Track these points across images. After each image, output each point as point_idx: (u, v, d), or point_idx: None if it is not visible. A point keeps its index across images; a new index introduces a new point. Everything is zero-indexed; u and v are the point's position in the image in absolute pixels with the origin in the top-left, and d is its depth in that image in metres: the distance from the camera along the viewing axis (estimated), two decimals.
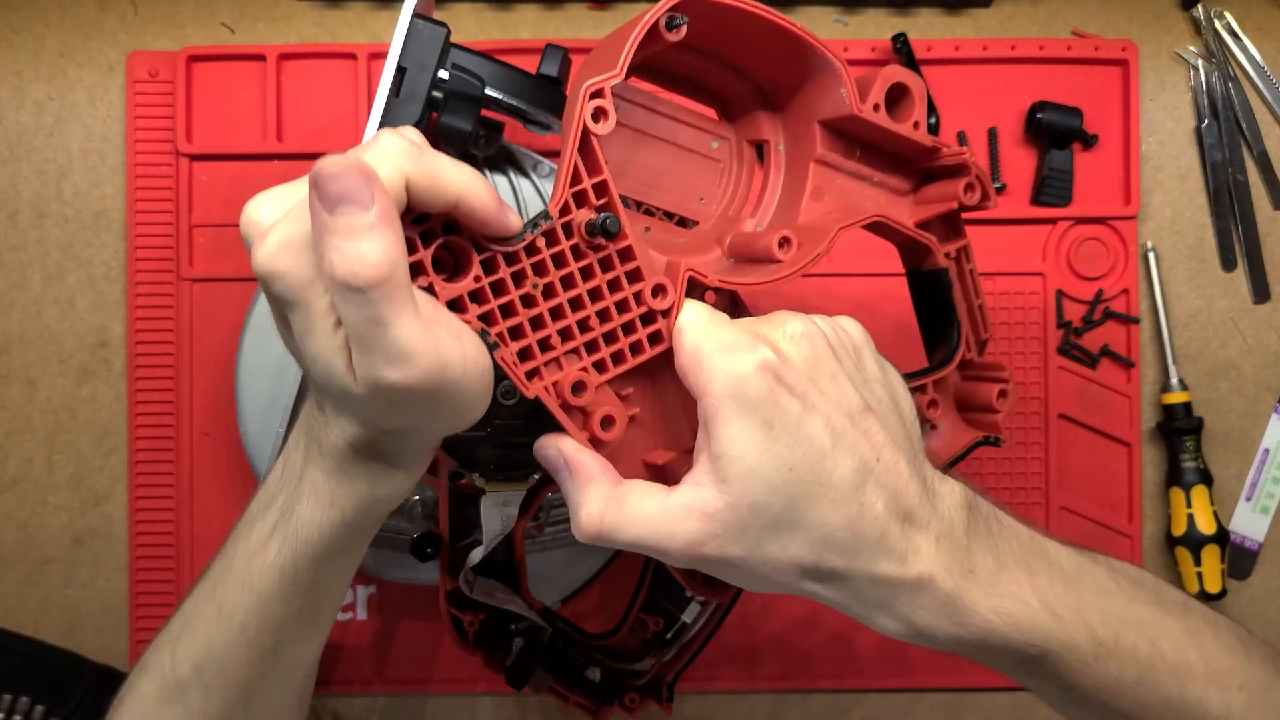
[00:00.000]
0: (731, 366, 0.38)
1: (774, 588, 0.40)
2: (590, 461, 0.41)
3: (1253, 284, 0.73)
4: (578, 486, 0.40)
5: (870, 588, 0.39)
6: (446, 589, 0.58)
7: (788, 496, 0.38)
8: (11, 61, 0.71)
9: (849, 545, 0.39)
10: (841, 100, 0.49)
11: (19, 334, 0.70)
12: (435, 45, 0.58)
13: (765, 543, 0.38)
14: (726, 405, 0.38)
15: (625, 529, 0.39)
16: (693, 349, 0.40)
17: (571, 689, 0.58)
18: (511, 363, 0.39)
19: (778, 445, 0.38)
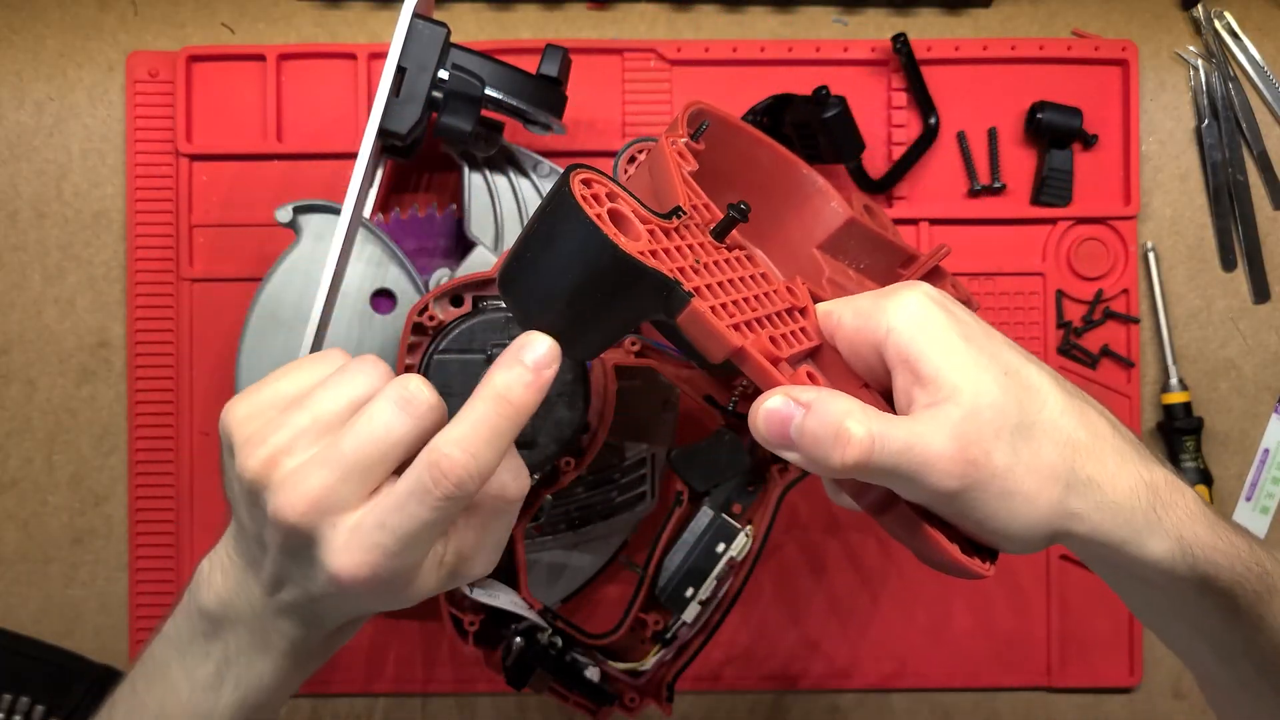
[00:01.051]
0: (903, 300, 0.38)
1: (1038, 523, 0.37)
2: (830, 390, 0.38)
3: (1253, 284, 0.73)
4: (827, 412, 0.36)
5: (1130, 495, 0.37)
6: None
7: (1015, 399, 0.37)
8: (11, 61, 0.71)
9: (1092, 446, 0.38)
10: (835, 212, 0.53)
11: (19, 334, 0.70)
12: (435, 45, 0.59)
13: (1019, 447, 0.37)
14: (920, 330, 0.38)
15: (893, 433, 0.36)
16: (853, 312, 0.40)
17: (571, 689, 0.58)
18: (709, 314, 0.38)
19: (982, 355, 0.38)
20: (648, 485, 0.64)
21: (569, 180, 0.37)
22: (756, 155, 0.53)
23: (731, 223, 0.42)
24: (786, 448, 0.37)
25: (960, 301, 0.53)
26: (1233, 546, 0.38)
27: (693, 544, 0.59)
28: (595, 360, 0.57)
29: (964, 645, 0.71)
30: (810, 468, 0.37)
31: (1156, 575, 0.39)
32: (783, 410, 0.37)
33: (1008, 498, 0.37)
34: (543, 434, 0.53)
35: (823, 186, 0.54)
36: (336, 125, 0.70)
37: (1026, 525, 0.37)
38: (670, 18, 0.72)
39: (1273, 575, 0.39)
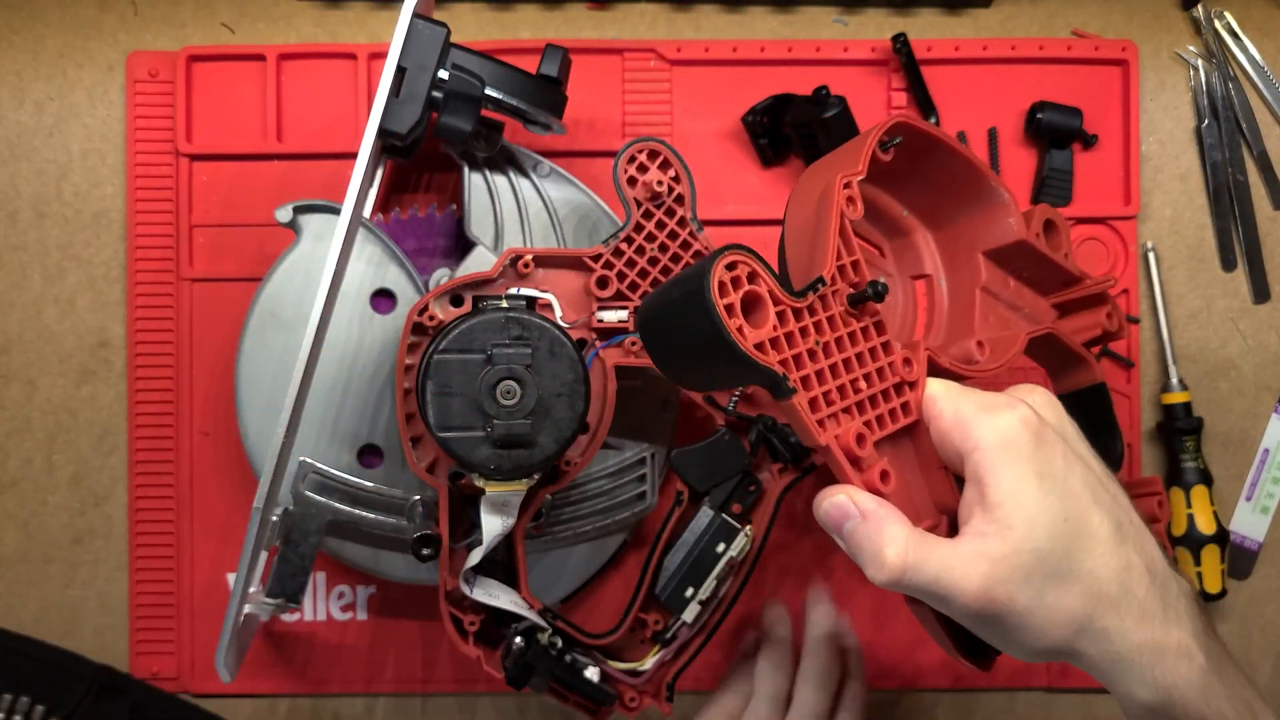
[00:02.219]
0: (999, 422, 0.41)
1: (1042, 652, 0.41)
2: (885, 504, 0.42)
3: (1253, 284, 0.73)
4: (876, 529, 0.41)
5: (1135, 652, 0.41)
6: (446, 589, 0.58)
7: (1064, 545, 0.40)
8: (11, 61, 0.71)
9: (1119, 601, 0.40)
10: (1010, 229, 0.54)
11: (19, 334, 0.70)
12: (435, 45, 0.59)
13: (1046, 591, 0.40)
14: (1000, 457, 0.40)
15: (925, 567, 0.40)
16: (954, 411, 0.43)
17: (571, 689, 0.58)
18: (805, 410, 0.41)
19: (1050, 496, 0.40)
20: (648, 485, 0.64)
21: (712, 267, 0.40)
22: (949, 163, 0.54)
23: (866, 298, 0.44)
24: (837, 537, 0.43)
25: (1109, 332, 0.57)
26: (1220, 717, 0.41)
27: (693, 544, 0.59)
28: (595, 360, 0.57)
29: None
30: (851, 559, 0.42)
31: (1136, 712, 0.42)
32: (844, 508, 0.42)
33: (1019, 631, 0.41)
34: (543, 434, 0.53)
35: (1007, 200, 0.55)
36: (336, 125, 0.70)
37: (1029, 650, 0.41)
38: (670, 18, 0.72)
39: None
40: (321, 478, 0.61)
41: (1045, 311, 0.58)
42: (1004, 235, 0.55)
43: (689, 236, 0.57)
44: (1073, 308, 0.59)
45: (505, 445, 0.53)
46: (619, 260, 0.57)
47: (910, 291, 0.57)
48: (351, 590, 0.70)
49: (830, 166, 0.49)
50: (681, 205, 0.57)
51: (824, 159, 0.51)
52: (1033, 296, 0.58)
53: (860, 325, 0.44)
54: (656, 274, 0.58)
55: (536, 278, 0.58)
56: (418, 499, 0.61)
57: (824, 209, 0.46)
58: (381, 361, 0.62)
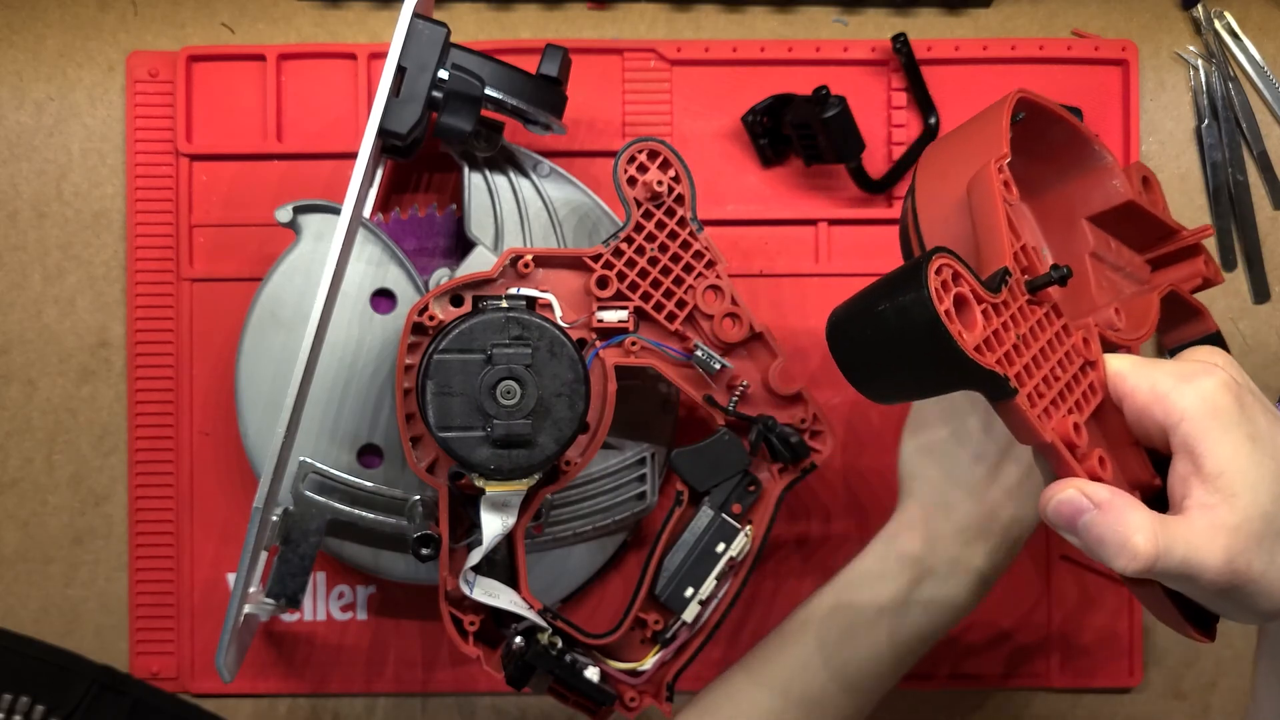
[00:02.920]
0: (1202, 390, 0.40)
1: (1273, 612, 0.40)
2: (1118, 492, 0.40)
3: (1253, 284, 0.73)
4: (1117, 518, 0.39)
5: None
6: (446, 589, 0.58)
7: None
8: (11, 61, 0.71)
9: None
10: (1117, 191, 0.53)
11: (19, 334, 0.70)
12: (435, 45, 0.59)
13: (1277, 553, 0.39)
14: (1211, 425, 0.39)
15: (1175, 549, 0.39)
16: (1149, 386, 0.41)
17: (571, 689, 0.58)
18: (1028, 408, 0.40)
19: (1265, 456, 0.39)
20: (648, 485, 0.64)
21: (927, 269, 0.38)
22: (1054, 130, 0.53)
23: (1049, 282, 0.42)
24: (1070, 533, 0.41)
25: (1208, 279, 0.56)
26: None
27: (693, 544, 0.59)
28: (595, 360, 0.57)
29: (964, 645, 0.71)
30: (1087, 554, 0.41)
31: None
32: (1076, 503, 0.40)
33: (1254, 597, 0.40)
34: (543, 434, 0.53)
35: (1110, 162, 0.54)
36: (336, 125, 0.70)
37: (1261, 614, 0.40)
38: (670, 18, 0.72)
39: None
40: (321, 478, 0.61)
41: (1142, 268, 0.57)
42: (1110, 198, 0.54)
43: (689, 236, 0.57)
44: (1169, 260, 0.57)
45: (505, 445, 0.53)
46: (619, 260, 0.57)
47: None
48: (351, 590, 0.70)
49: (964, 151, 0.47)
50: (681, 205, 0.57)
51: (947, 142, 0.49)
52: (1131, 255, 0.56)
53: (1043, 312, 0.43)
54: (656, 274, 0.58)
55: (536, 278, 0.58)
56: (418, 499, 0.61)
57: (982, 197, 0.44)
58: (381, 361, 0.62)
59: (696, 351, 0.58)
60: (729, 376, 0.59)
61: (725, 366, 0.58)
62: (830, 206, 0.71)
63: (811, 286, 0.70)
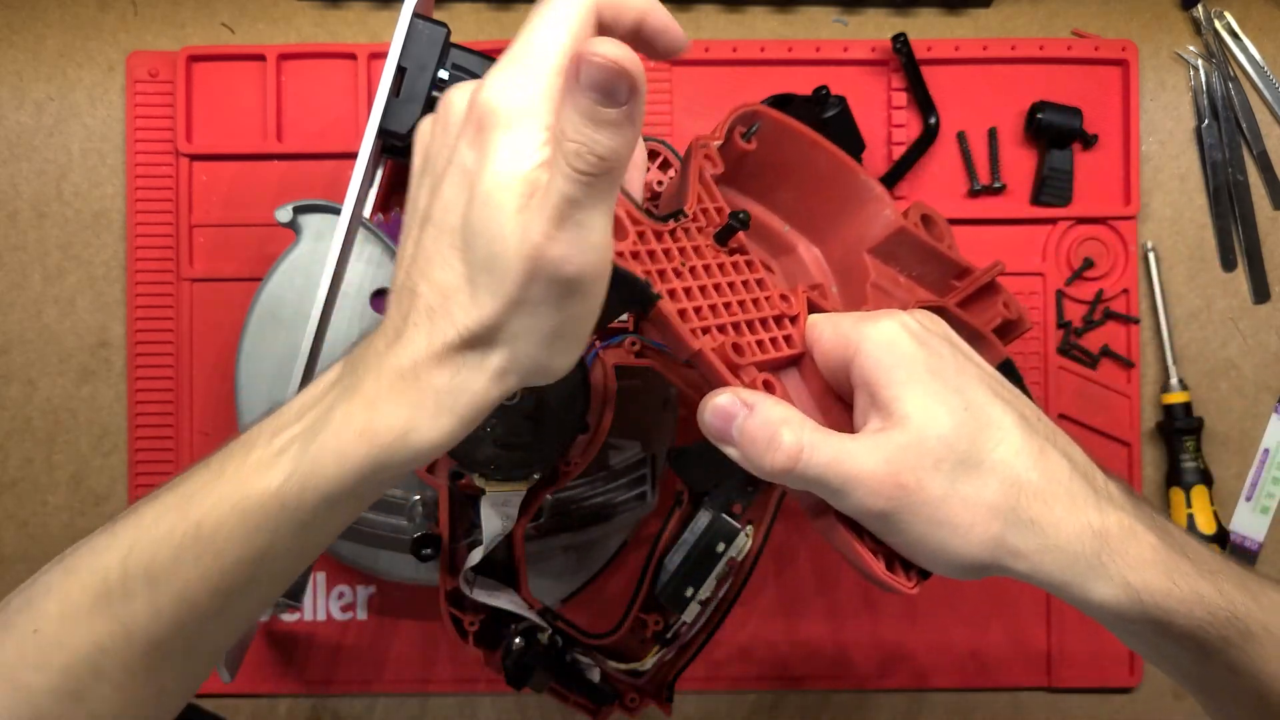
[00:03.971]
0: (879, 328, 0.40)
1: (971, 561, 0.38)
2: (774, 400, 0.39)
3: (1253, 284, 0.73)
4: (767, 417, 0.38)
5: (1074, 540, 0.38)
6: (446, 589, 0.58)
7: (970, 432, 0.38)
8: (11, 61, 0.71)
9: (1042, 488, 0.38)
10: (887, 219, 0.55)
11: (19, 334, 0.70)
12: (435, 45, 0.59)
13: (959, 480, 0.38)
14: (885, 356, 0.39)
15: (822, 448, 0.38)
16: (833, 328, 0.42)
17: (571, 689, 0.58)
18: (674, 315, 0.41)
19: (946, 387, 0.39)
20: (648, 485, 0.64)
21: None
22: (814, 157, 0.56)
23: (731, 230, 0.45)
24: (727, 443, 0.39)
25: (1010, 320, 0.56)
26: (1193, 593, 0.38)
27: (693, 544, 0.59)
28: (595, 360, 0.57)
29: (964, 645, 0.71)
30: (746, 466, 0.39)
31: (1104, 617, 0.39)
32: (728, 408, 0.39)
33: (937, 525, 0.38)
34: (543, 434, 0.53)
35: (879, 193, 0.56)
36: (336, 125, 0.70)
37: (956, 554, 0.38)
38: None
39: (1246, 619, 0.39)
40: None
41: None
42: (882, 227, 0.56)
43: None
44: (969, 301, 0.58)
45: (505, 445, 0.53)
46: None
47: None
48: (351, 590, 0.70)
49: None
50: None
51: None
52: (926, 294, 0.58)
53: (730, 260, 0.45)
54: None
55: None
56: (418, 499, 0.61)
57: (685, 168, 0.49)
58: None
59: None
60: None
61: None
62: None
63: None
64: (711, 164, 0.49)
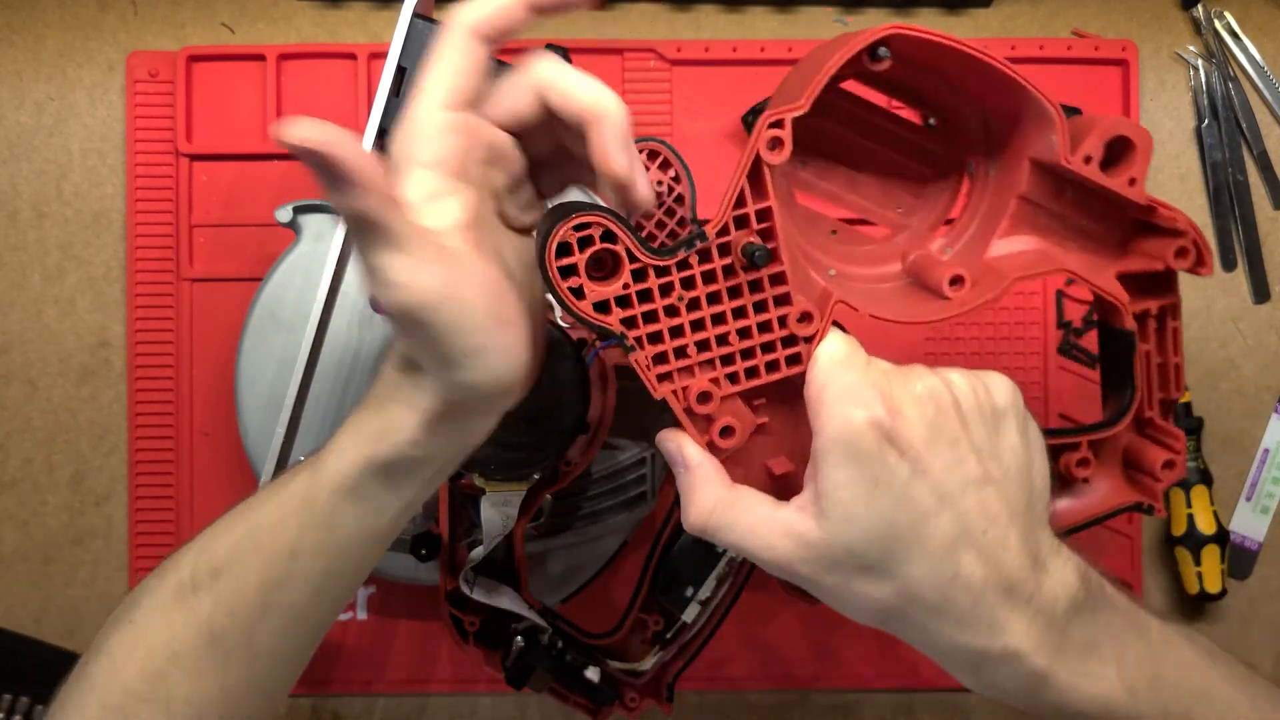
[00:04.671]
0: (846, 416, 0.39)
1: (857, 617, 0.42)
2: (706, 463, 0.43)
3: (1253, 284, 0.73)
4: (692, 484, 0.43)
5: (952, 650, 0.41)
6: (446, 589, 0.58)
7: (882, 548, 0.39)
8: (11, 61, 0.71)
9: (936, 606, 0.40)
10: (1052, 146, 0.47)
11: (19, 334, 0.70)
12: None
13: (854, 580, 0.40)
14: (834, 451, 0.39)
15: (729, 530, 0.42)
16: (819, 387, 0.41)
17: (571, 689, 0.58)
18: (645, 365, 0.42)
19: (880, 502, 0.39)
20: (648, 485, 0.64)
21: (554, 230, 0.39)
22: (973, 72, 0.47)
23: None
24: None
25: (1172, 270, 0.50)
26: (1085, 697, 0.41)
27: (693, 544, 0.59)
28: (595, 360, 0.57)
29: None
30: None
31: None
32: (673, 456, 0.43)
33: (828, 598, 0.42)
34: (543, 434, 0.53)
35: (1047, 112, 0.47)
36: (336, 125, 0.70)
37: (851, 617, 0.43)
38: (670, 18, 0.72)
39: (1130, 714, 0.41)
40: None
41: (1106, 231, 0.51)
42: (1047, 151, 0.47)
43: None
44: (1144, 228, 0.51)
45: (505, 445, 0.53)
46: None
47: (952, 176, 0.50)
48: None
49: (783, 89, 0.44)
50: (681, 205, 0.57)
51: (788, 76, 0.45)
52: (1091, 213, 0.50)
53: (752, 278, 0.42)
54: None
55: None
56: None
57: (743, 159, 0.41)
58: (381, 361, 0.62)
59: None
60: None
61: None
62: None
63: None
64: (777, 152, 0.40)
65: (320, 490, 0.41)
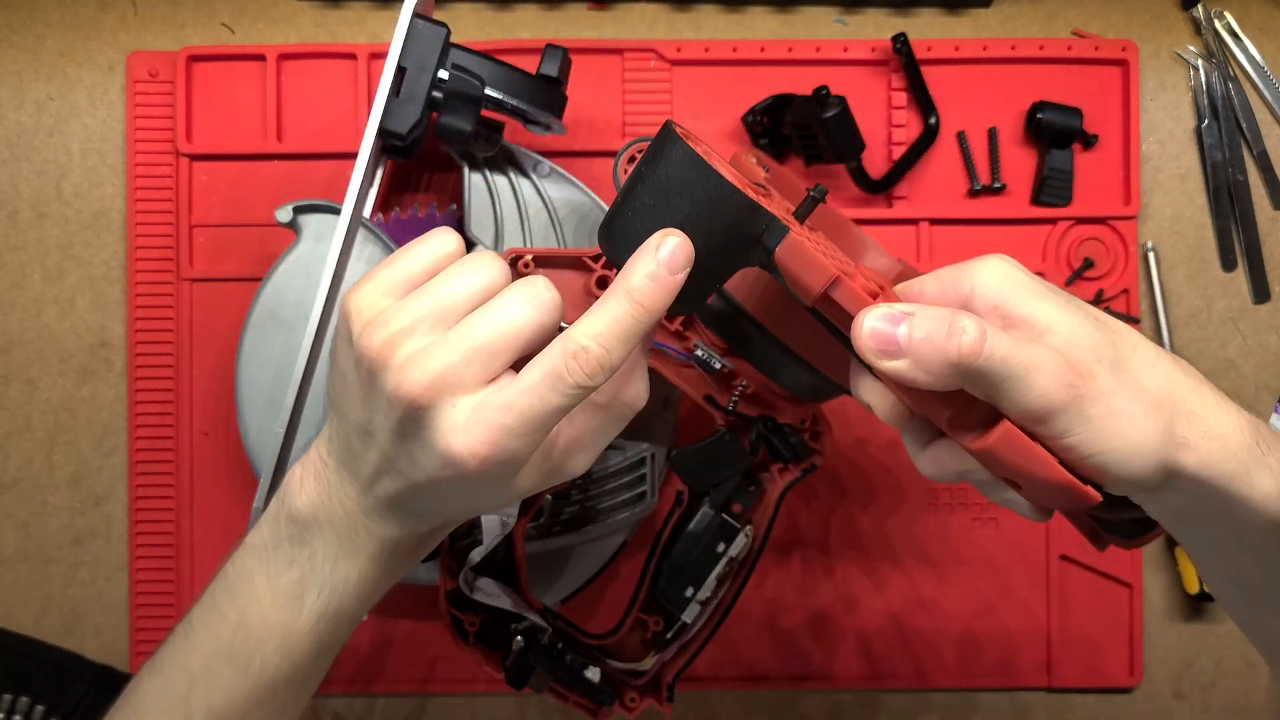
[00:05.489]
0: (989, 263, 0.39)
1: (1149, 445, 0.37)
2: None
3: (1253, 284, 0.73)
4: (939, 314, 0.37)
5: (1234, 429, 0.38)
6: (446, 589, 0.58)
7: (1109, 338, 0.38)
8: (11, 61, 0.71)
9: (1190, 383, 0.38)
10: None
11: (19, 334, 0.70)
12: (435, 45, 0.59)
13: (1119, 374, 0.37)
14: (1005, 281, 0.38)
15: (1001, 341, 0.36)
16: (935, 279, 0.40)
17: (571, 689, 0.58)
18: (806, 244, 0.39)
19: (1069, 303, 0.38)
20: (648, 485, 0.64)
21: (673, 127, 0.39)
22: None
23: (813, 203, 0.42)
24: (892, 355, 0.37)
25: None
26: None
27: (693, 544, 0.59)
28: None
29: (964, 645, 0.71)
30: (914, 372, 0.37)
31: (1259, 520, 0.38)
32: (892, 315, 0.37)
33: (1114, 416, 0.36)
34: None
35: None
36: (336, 125, 0.70)
37: (1135, 448, 0.36)
38: (670, 18, 0.72)
39: None
40: None
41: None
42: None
43: None
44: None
45: None
46: None
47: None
48: None
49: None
50: None
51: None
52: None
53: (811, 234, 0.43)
54: None
55: None
56: None
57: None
58: None
59: (697, 351, 0.58)
60: (729, 376, 0.59)
61: (725, 366, 0.58)
62: (830, 206, 0.71)
63: None
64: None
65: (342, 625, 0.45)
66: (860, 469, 0.71)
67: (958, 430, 0.39)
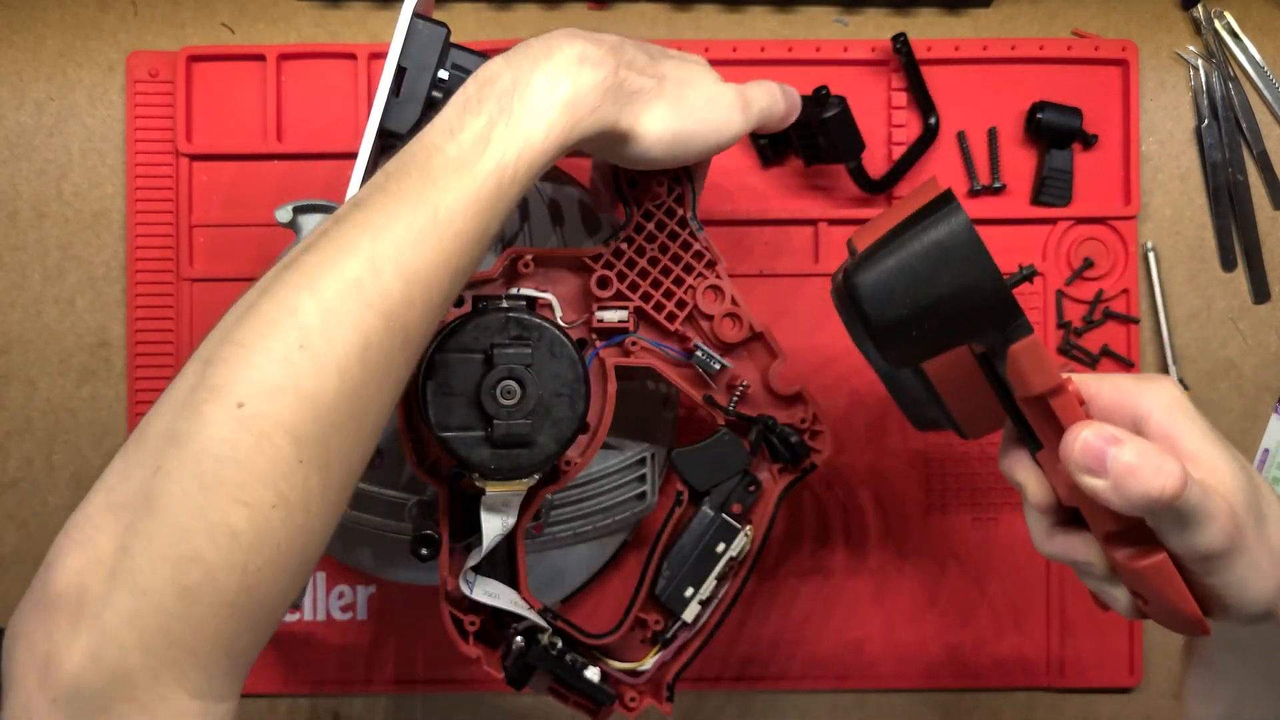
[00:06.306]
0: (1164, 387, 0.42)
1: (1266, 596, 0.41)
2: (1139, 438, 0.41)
3: (1253, 284, 0.73)
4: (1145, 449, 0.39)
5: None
6: (446, 589, 0.58)
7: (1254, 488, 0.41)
8: (11, 61, 0.71)
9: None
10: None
11: (19, 334, 0.70)
12: (435, 45, 0.58)
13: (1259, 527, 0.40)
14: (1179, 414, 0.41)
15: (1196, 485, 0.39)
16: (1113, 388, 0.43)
17: (571, 689, 0.58)
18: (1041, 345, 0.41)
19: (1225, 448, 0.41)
20: (648, 485, 0.64)
21: (954, 197, 0.40)
22: None
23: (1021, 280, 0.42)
24: (1095, 474, 0.39)
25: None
26: None
27: (693, 544, 0.59)
28: (595, 360, 0.57)
29: (965, 645, 0.71)
30: (1110, 494, 0.39)
31: None
32: (1106, 436, 0.39)
33: (1254, 569, 0.40)
34: (543, 434, 0.53)
35: None
36: (336, 125, 0.70)
37: (1259, 596, 0.40)
38: (670, 18, 0.72)
39: None
40: None
41: None
42: None
43: (689, 237, 0.57)
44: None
45: (505, 445, 0.53)
46: (619, 260, 0.57)
47: None
48: (351, 590, 0.70)
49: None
50: (681, 205, 0.57)
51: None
52: None
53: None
54: (656, 274, 0.58)
55: (536, 278, 0.58)
56: (416, 499, 0.61)
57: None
58: None
59: (696, 351, 0.58)
60: (729, 376, 0.59)
61: (725, 366, 0.58)
62: (830, 206, 0.71)
63: (811, 286, 0.70)
64: None
65: (524, 165, 0.44)
66: (860, 469, 0.71)
67: (1112, 544, 0.42)
